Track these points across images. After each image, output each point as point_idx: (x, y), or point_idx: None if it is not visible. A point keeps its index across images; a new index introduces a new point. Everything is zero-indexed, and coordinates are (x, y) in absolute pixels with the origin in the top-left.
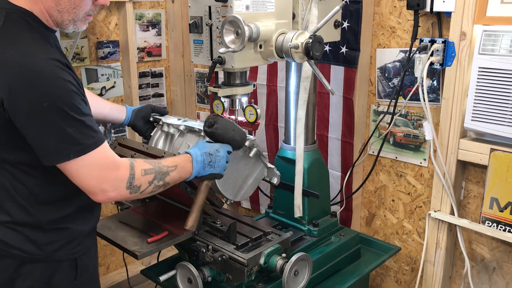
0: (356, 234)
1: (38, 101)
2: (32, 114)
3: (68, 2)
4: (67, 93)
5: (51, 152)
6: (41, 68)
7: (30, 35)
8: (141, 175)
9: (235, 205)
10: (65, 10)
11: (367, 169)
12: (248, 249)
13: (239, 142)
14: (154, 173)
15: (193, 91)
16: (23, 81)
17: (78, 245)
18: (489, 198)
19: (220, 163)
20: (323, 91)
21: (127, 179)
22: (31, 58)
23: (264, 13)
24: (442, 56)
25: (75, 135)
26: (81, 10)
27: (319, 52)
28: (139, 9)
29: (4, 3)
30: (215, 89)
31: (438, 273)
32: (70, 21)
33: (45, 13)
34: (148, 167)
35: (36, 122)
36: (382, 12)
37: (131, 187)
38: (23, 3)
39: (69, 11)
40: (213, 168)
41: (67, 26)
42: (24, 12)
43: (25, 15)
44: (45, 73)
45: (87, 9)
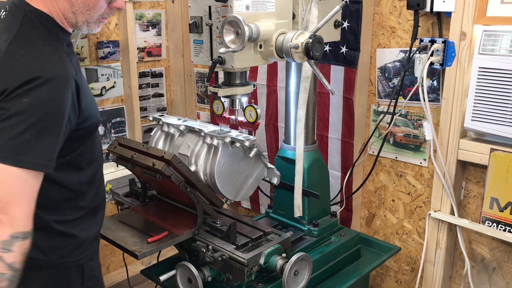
0: (356, 234)
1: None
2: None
3: (82, 4)
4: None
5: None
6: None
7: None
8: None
9: (235, 205)
10: (79, 11)
11: (367, 169)
12: (248, 249)
13: None
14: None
15: (193, 91)
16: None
17: (84, 251)
18: (489, 198)
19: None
20: (323, 91)
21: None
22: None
23: (264, 13)
24: (442, 56)
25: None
26: (95, 12)
27: (319, 52)
28: (139, 9)
29: (23, 5)
30: (215, 89)
31: (438, 273)
32: (84, 23)
33: (61, 15)
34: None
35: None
36: (382, 12)
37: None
38: (40, 5)
39: (83, 12)
40: None
41: (82, 28)
42: (42, 14)
43: (42, 17)
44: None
45: (102, 11)
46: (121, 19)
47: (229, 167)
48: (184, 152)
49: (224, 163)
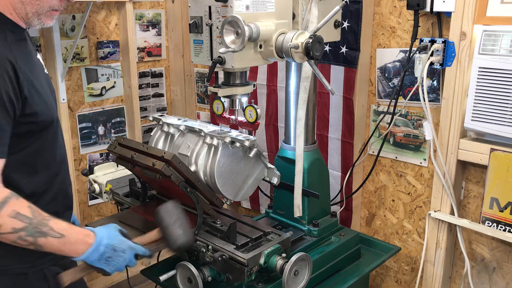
0: (356, 234)
1: None
2: None
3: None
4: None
5: None
6: None
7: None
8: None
9: (235, 205)
10: (27, 1)
11: (367, 169)
12: (248, 249)
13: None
14: (27, 224)
15: (193, 91)
16: None
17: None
18: (489, 198)
19: (118, 264)
20: (323, 91)
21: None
22: None
23: (264, 13)
24: (442, 56)
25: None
26: (45, 3)
27: (319, 52)
28: (139, 9)
29: None
30: (215, 89)
31: (438, 273)
32: (34, 14)
33: (9, 7)
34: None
35: None
36: (382, 12)
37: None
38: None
39: (32, 3)
40: (107, 266)
41: (32, 20)
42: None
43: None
44: None
45: (52, 3)
46: (121, 19)
47: (229, 167)
48: (184, 152)
49: (224, 163)
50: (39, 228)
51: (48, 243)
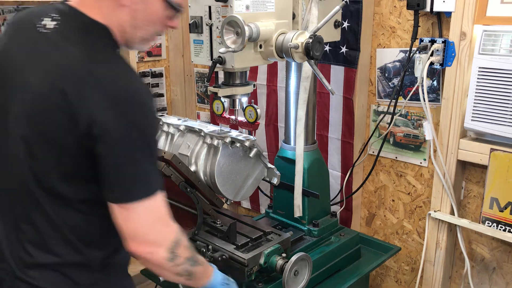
0: (356, 234)
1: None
2: (123, 144)
3: (145, 18)
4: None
5: (124, 189)
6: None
7: (114, 52)
8: (184, 247)
9: (235, 205)
10: (139, 26)
11: (367, 169)
12: (248, 249)
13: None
14: (192, 255)
15: (193, 91)
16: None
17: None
18: (489, 198)
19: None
20: (323, 91)
21: (173, 240)
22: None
23: (264, 13)
24: (442, 56)
25: (151, 174)
26: (154, 29)
27: (319, 52)
28: None
29: (80, 16)
30: (215, 89)
31: (438, 273)
32: (140, 39)
33: (119, 29)
34: (189, 245)
35: (124, 154)
36: (382, 12)
37: (172, 251)
38: (99, 16)
39: (143, 28)
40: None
41: (136, 44)
42: (102, 27)
43: (103, 30)
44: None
45: (159, 29)
46: None
47: (229, 167)
48: (184, 152)
49: (224, 163)
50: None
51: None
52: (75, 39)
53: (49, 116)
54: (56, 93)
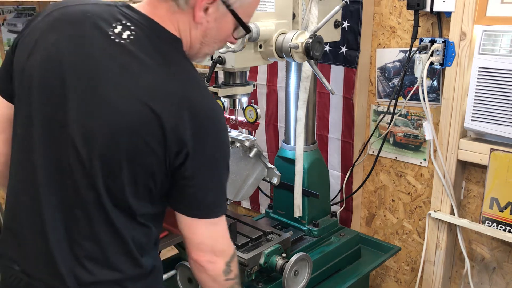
0: (356, 234)
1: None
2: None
3: (214, 36)
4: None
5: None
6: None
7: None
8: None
9: (235, 205)
10: (207, 43)
11: (367, 169)
12: (248, 249)
13: None
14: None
15: None
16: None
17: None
18: (489, 198)
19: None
20: (323, 91)
21: (231, 255)
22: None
23: (264, 13)
24: (442, 56)
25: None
26: (219, 45)
27: (319, 52)
28: None
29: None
30: (215, 89)
31: (438, 273)
32: (204, 54)
33: (188, 43)
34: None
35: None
36: (382, 12)
37: (228, 265)
38: (174, 30)
39: (210, 44)
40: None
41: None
42: (179, 41)
43: (179, 44)
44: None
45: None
46: None
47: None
48: None
49: None
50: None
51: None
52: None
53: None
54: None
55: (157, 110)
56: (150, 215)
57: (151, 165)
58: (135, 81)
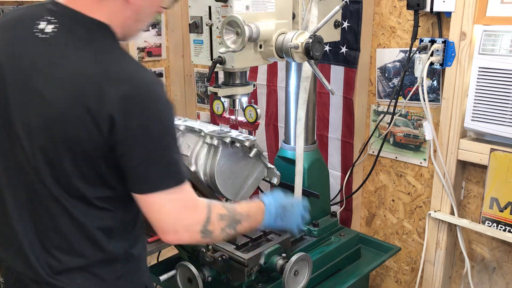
0: (356, 234)
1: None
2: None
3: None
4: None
5: (152, 180)
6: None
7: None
8: (216, 220)
9: None
10: (141, 19)
11: (367, 169)
12: (248, 249)
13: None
14: (228, 220)
15: (193, 91)
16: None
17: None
18: (489, 198)
19: (293, 219)
20: (323, 91)
21: (203, 222)
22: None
23: (264, 13)
24: (442, 56)
25: (179, 163)
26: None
27: (319, 52)
28: None
29: (80, 17)
30: (215, 89)
31: (438, 273)
32: (138, 31)
33: (120, 25)
34: (224, 212)
35: (147, 146)
36: (382, 12)
37: (204, 230)
38: (102, 16)
39: (144, 20)
40: (284, 222)
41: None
42: (105, 26)
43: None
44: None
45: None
46: None
47: (229, 167)
48: (184, 152)
49: (224, 163)
50: (235, 219)
51: (242, 227)
52: (81, 43)
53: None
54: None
55: (82, 95)
56: (110, 199)
57: (89, 149)
58: (60, 70)
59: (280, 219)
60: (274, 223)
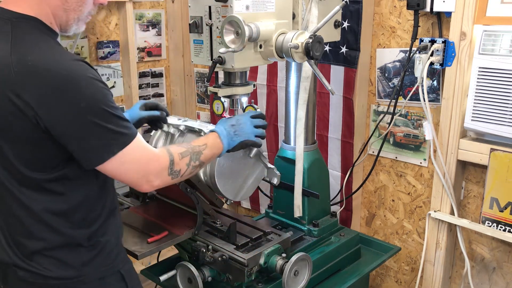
0: (356, 234)
1: (75, 104)
2: (71, 119)
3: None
4: (99, 90)
5: (95, 153)
6: (70, 71)
7: (43, 39)
8: (179, 159)
9: (235, 205)
10: (71, 8)
11: (367, 169)
12: (248, 249)
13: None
14: (190, 155)
15: (193, 91)
16: (56, 88)
17: (116, 256)
18: (489, 198)
19: (245, 130)
20: (323, 91)
21: (168, 166)
22: (56, 63)
23: (264, 13)
24: (442, 56)
25: (116, 128)
26: (85, 8)
27: (319, 52)
28: (139, 9)
29: (6, 13)
30: (215, 89)
31: (438, 273)
32: (74, 20)
33: (50, 16)
34: (183, 150)
35: (77, 126)
36: (382, 12)
37: (172, 172)
38: (26, 9)
39: (75, 9)
40: (240, 137)
41: (71, 27)
42: (30, 18)
43: (32, 21)
44: (75, 75)
45: (90, 8)
46: (121, 19)
47: (229, 167)
48: None
49: (224, 163)
50: (196, 151)
51: (205, 156)
52: (2, 35)
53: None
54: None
55: (4, 86)
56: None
57: (23, 135)
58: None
59: (235, 136)
60: (232, 141)
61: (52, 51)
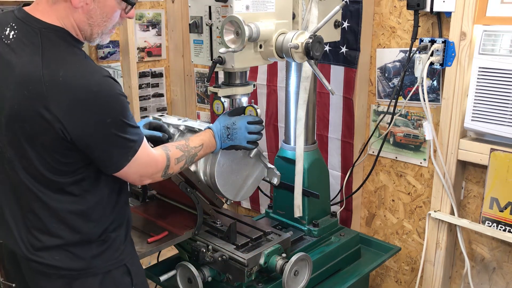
0: (356, 234)
1: (102, 120)
2: (97, 132)
3: (100, 15)
4: (123, 105)
5: (115, 161)
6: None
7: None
8: (174, 164)
9: (235, 205)
10: (96, 23)
11: (367, 169)
12: (248, 249)
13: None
14: (185, 159)
15: (193, 91)
16: (85, 103)
17: (123, 251)
18: (489, 198)
19: (238, 135)
20: (323, 91)
21: (163, 170)
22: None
23: (264, 13)
24: (442, 56)
25: (131, 137)
26: (110, 23)
27: (319, 52)
28: (139, 9)
29: (34, 22)
30: (215, 89)
31: (438, 273)
32: (98, 34)
33: (76, 28)
34: (180, 155)
35: (101, 139)
36: (382, 12)
37: (165, 175)
38: (54, 20)
39: (100, 24)
40: (232, 141)
41: (95, 39)
42: (58, 29)
43: (60, 32)
44: (105, 93)
45: (115, 22)
46: None
47: (229, 167)
48: None
49: (224, 163)
50: (191, 154)
51: (199, 157)
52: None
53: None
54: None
55: (32, 95)
56: (76, 184)
57: (49, 145)
58: (15, 72)
59: (227, 139)
60: (225, 144)
61: (82, 66)
